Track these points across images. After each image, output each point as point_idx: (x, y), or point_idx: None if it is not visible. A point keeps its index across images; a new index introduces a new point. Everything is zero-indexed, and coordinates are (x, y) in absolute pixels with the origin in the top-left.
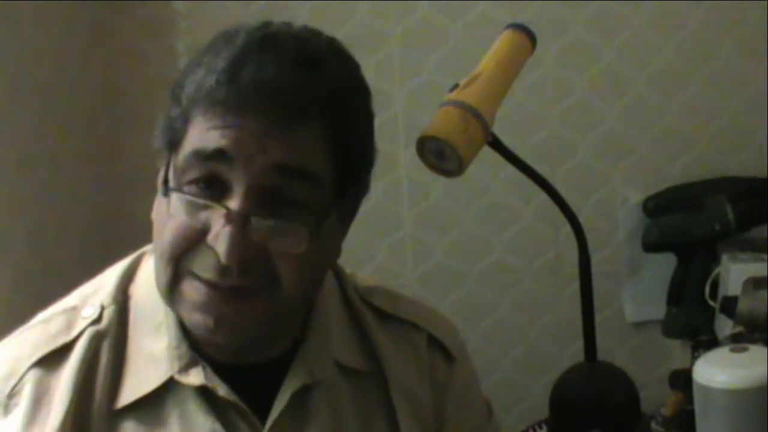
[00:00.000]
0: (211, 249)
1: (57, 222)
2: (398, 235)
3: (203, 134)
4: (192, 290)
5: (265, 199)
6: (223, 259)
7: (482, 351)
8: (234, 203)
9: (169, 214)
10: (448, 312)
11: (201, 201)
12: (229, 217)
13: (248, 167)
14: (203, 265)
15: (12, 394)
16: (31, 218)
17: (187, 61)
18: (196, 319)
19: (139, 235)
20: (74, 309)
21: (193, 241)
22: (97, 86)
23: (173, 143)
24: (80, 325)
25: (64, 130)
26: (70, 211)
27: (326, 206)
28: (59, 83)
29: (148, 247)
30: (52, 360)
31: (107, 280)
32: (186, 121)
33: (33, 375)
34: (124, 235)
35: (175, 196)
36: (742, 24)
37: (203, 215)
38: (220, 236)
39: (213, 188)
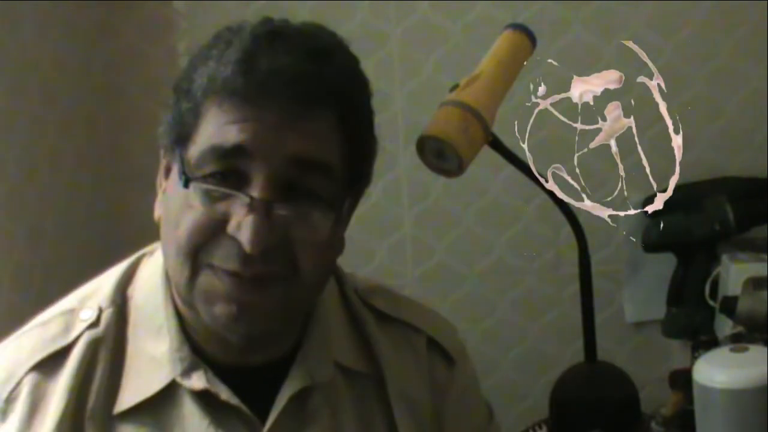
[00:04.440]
0: (233, 239)
1: (57, 222)
2: (398, 235)
3: (220, 129)
4: (212, 283)
5: (284, 190)
6: (247, 247)
7: (482, 351)
8: (255, 192)
9: (187, 205)
10: (448, 312)
11: (223, 190)
12: (253, 205)
13: (267, 159)
14: (224, 256)
15: (9, 399)
16: (31, 218)
17: (191, 58)
18: (219, 310)
19: (139, 235)
20: (72, 311)
21: (211, 233)
22: (97, 86)
23: (184, 137)
24: (78, 328)
25: (64, 130)
26: (70, 211)
27: (338, 196)
28: (59, 83)
29: (147, 249)
30: (49, 364)
31: (106, 281)
32: (198, 114)
33: (30, 379)
34: (124, 235)
35: (193, 187)
36: (742, 24)
37: (222, 206)
38: (243, 225)
39: (230, 180)
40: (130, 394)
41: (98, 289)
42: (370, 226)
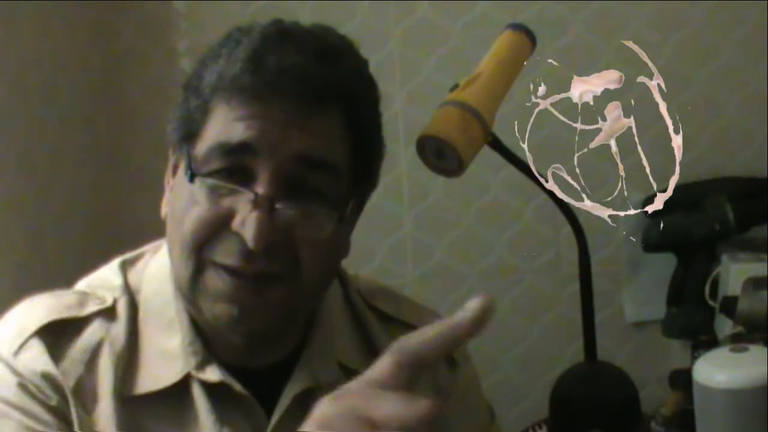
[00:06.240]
0: (236, 235)
1: (57, 222)
2: (398, 235)
3: (227, 125)
4: (215, 280)
5: (289, 188)
6: (250, 243)
7: (482, 351)
8: (260, 189)
9: (192, 201)
10: (448, 312)
11: (228, 186)
12: (257, 202)
13: (273, 157)
14: (227, 253)
15: (18, 353)
16: (31, 218)
17: (201, 57)
18: (220, 310)
19: (139, 235)
20: (85, 293)
21: (216, 229)
22: (97, 86)
23: (191, 134)
24: (91, 307)
25: (64, 130)
26: (70, 211)
27: (343, 197)
28: (59, 83)
29: (147, 247)
30: (61, 328)
31: (111, 273)
32: (206, 111)
33: (42, 336)
34: (124, 235)
35: (198, 183)
36: (742, 24)
37: (227, 202)
38: (247, 221)
39: (235, 176)
40: (145, 382)
41: (106, 280)
42: (370, 226)
